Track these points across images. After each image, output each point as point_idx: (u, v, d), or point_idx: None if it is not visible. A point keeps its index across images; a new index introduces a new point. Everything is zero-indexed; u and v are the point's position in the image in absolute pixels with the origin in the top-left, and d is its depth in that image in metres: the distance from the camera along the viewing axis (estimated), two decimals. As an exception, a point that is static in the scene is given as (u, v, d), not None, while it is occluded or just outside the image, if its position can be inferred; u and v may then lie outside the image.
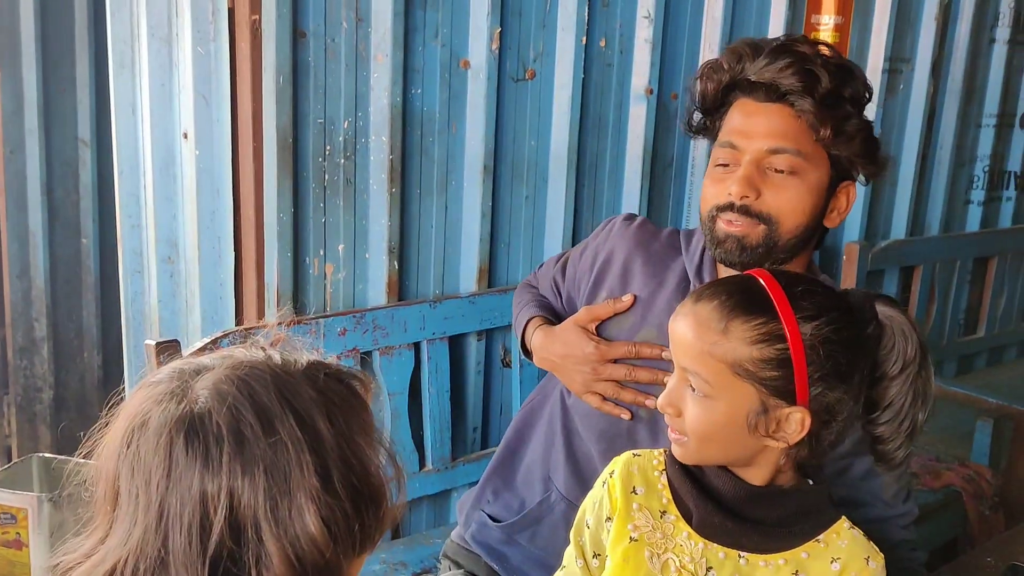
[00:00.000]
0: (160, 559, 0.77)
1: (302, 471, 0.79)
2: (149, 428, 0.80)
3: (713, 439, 1.13)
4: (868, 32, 2.92)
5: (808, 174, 1.41)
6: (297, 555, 0.78)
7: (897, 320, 1.13)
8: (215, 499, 0.77)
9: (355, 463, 0.83)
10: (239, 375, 0.82)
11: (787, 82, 1.39)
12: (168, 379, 0.83)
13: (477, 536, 1.69)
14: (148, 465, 0.79)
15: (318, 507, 0.79)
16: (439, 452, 2.18)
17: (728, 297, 1.12)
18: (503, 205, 2.27)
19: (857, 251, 2.93)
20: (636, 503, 1.20)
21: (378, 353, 2.05)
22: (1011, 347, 3.74)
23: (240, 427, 0.79)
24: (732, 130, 1.45)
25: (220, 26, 1.86)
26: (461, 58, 2.12)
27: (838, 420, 1.11)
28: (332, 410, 0.83)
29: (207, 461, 0.78)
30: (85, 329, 3.30)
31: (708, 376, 1.11)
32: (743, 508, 1.15)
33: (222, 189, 1.93)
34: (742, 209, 1.40)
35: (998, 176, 3.57)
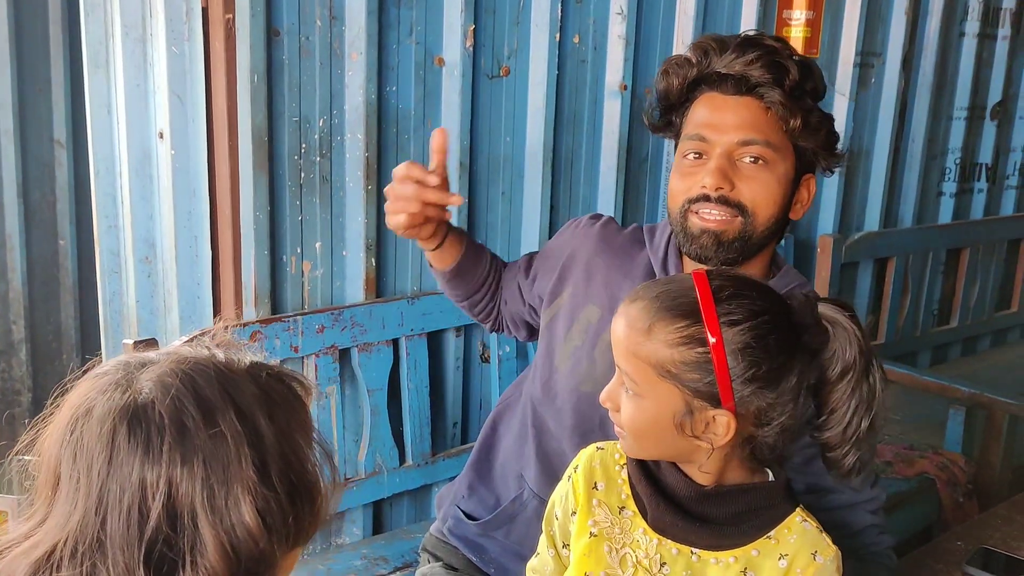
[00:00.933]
0: (98, 541, 0.80)
1: (240, 463, 0.81)
2: (93, 416, 0.82)
3: (645, 436, 1.14)
4: (839, 27, 2.95)
5: (777, 165, 1.43)
6: (232, 544, 0.80)
7: (840, 323, 1.11)
8: (154, 486, 0.79)
9: (292, 459, 0.86)
10: (183, 369, 0.84)
11: (757, 74, 1.40)
12: (114, 370, 0.86)
13: (455, 530, 1.70)
14: (91, 451, 0.81)
15: (254, 499, 0.81)
16: (419, 448, 2.19)
17: (656, 298, 1.12)
18: (479, 201, 2.29)
19: (831, 243, 2.97)
20: (596, 499, 1.21)
21: (357, 350, 2.07)
22: (984, 337, 3.79)
23: (182, 418, 0.81)
24: (701, 123, 1.45)
25: (194, 25, 1.86)
26: (436, 55, 2.13)
27: (772, 425, 1.10)
28: (272, 408, 0.86)
29: (148, 449, 0.80)
30: (63, 331, 3.29)
31: (635, 375, 1.11)
32: (693, 506, 1.15)
33: (198, 188, 1.94)
34: (719, 200, 1.41)
35: (969, 168, 3.62)
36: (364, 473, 2.12)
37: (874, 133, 3.18)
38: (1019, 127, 3.77)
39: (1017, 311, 3.84)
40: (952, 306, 3.60)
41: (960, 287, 3.56)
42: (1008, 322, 3.84)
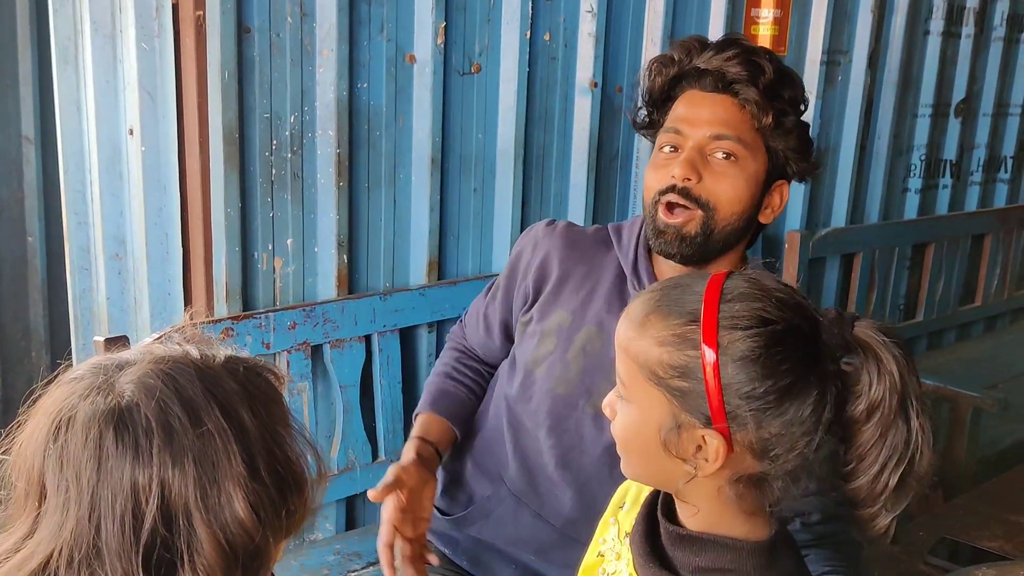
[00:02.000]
0: (95, 549, 0.79)
1: (229, 460, 0.82)
2: (76, 422, 0.81)
3: (630, 449, 1.01)
4: (806, 25, 2.99)
5: (747, 163, 1.46)
6: (228, 540, 0.81)
7: (871, 350, 0.93)
8: (147, 490, 0.79)
9: (278, 451, 0.86)
10: (163, 369, 0.84)
11: (733, 70, 1.44)
12: (91, 374, 0.85)
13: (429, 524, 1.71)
14: (78, 459, 0.80)
15: (246, 494, 0.82)
16: (392, 443, 2.20)
17: (662, 291, 0.99)
18: (451, 198, 2.30)
19: (799, 239, 3.00)
20: (615, 518, 1.16)
21: (329, 346, 2.07)
22: (949, 331, 3.85)
23: (168, 419, 0.81)
24: (678, 117, 1.49)
25: (164, 22, 1.86)
26: (407, 52, 2.14)
27: (777, 462, 0.92)
28: (253, 402, 0.86)
29: (137, 453, 0.80)
30: (32, 329, 3.26)
31: (624, 376, 0.99)
32: (668, 549, 1.01)
33: (169, 185, 1.93)
34: (683, 192, 1.44)
35: (934, 164, 3.67)
36: (337, 469, 2.12)
37: (841, 130, 3.22)
38: (982, 124, 3.83)
39: (981, 305, 3.90)
40: (918, 300, 3.65)
41: (925, 282, 3.61)
42: (972, 316, 3.90)
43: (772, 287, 0.96)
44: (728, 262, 1.51)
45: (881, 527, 0.94)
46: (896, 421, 0.92)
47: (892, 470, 0.91)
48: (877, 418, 0.92)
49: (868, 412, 0.92)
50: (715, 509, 0.97)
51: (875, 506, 0.93)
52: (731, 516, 0.98)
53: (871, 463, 0.92)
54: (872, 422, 0.92)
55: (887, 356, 0.92)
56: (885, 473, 0.91)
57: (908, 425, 0.92)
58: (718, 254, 1.49)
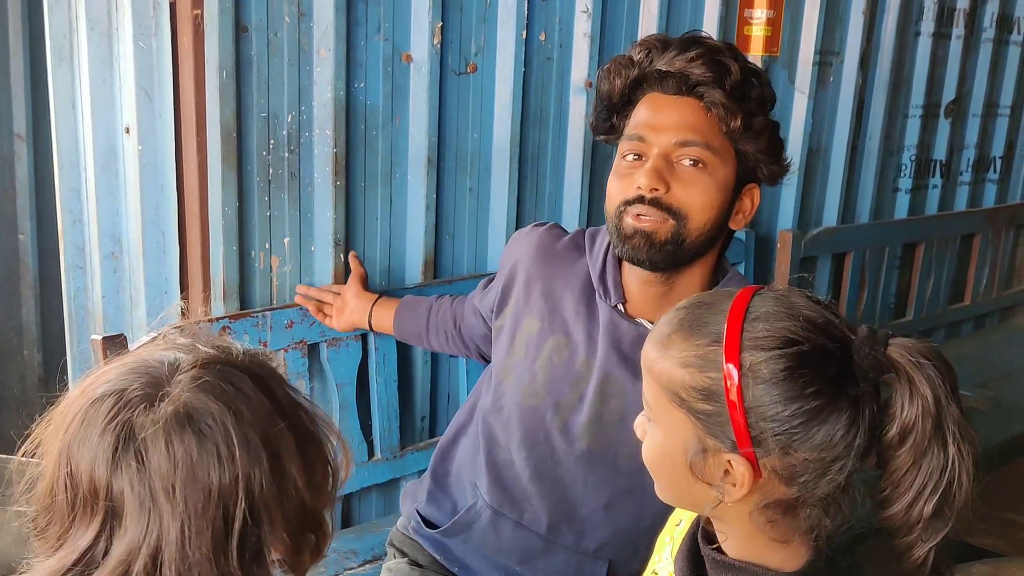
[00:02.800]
0: (192, 553, 0.81)
1: (286, 445, 0.86)
2: (151, 434, 0.81)
3: (660, 473, 0.98)
4: (799, 26, 3.00)
5: (716, 169, 1.40)
6: (296, 519, 0.86)
7: (903, 372, 0.88)
8: (233, 494, 0.82)
9: (310, 428, 0.91)
10: (214, 367, 0.86)
11: (697, 72, 1.38)
12: (140, 383, 0.84)
13: (419, 530, 1.71)
14: (161, 470, 0.80)
15: (301, 471, 0.86)
16: (387, 441, 2.21)
17: (687, 310, 0.95)
18: (447, 197, 2.30)
19: (790, 239, 3.02)
20: (669, 536, 1.13)
21: (325, 345, 2.07)
22: (938, 330, 3.88)
23: (239, 421, 0.83)
24: (640, 123, 1.42)
25: (161, 20, 1.86)
26: (403, 52, 2.14)
27: (809, 488, 0.89)
28: (275, 383, 0.90)
29: (220, 459, 0.81)
30: (24, 327, 3.24)
31: (649, 397, 0.96)
32: (711, 572, 0.99)
33: (166, 184, 1.93)
34: (653, 202, 1.38)
35: (924, 165, 3.70)
36: (316, 407, 2.12)
37: (832, 130, 3.24)
38: (972, 124, 3.86)
39: (970, 304, 3.94)
40: (908, 299, 3.68)
41: (915, 281, 3.64)
42: (961, 315, 3.94)
43: (800, 305, 0.92)
44: (699, 269, 1.47)
45: (918, 558, 0.89)
46: (931, 447, 0.87)
47: (927, 498, 0.87)
48: (910, 443, 0.87)
49: (901, 436, 0.88)
50: (746, 534, 0.94)
51: (911, 535, 0.89)
52: (764, 542, 0.94)
53: (905, 490, 0.88)
54: (905, 447, 0.88)
55: (920, 378, 0.87)
56: (920, 502, 0.87)
57: (945, 451, 0.87)
58: (688, 262, 1.44)
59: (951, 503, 0.88)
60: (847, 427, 0.87)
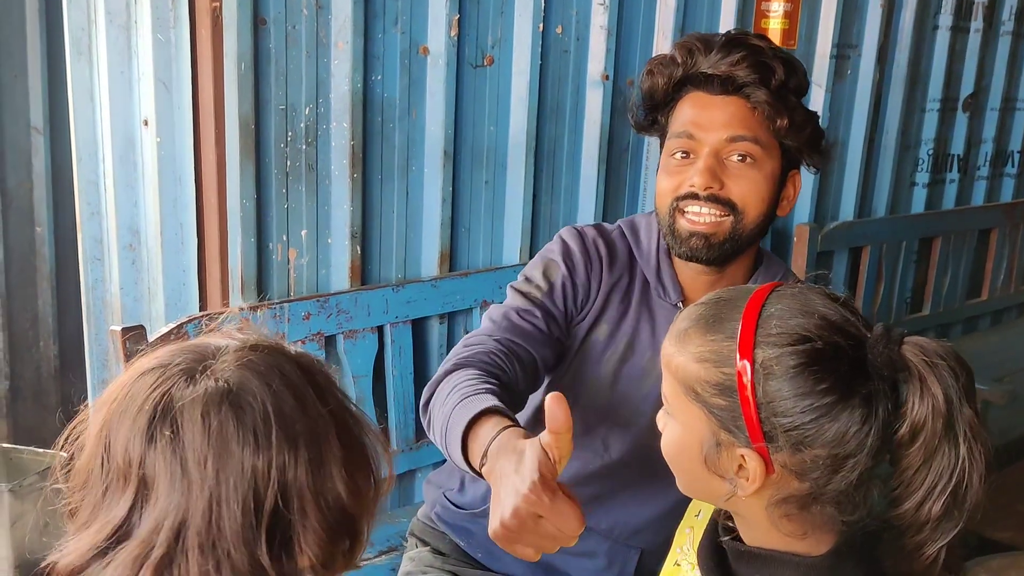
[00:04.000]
0: (218, 533, 0.80)
1: (330, 441, 0.84)
2: (189, 408, 0.80)
3: (677, 466, 1.00)
4: (816, 19, 2.99)
5: (765, 163, 1.43)
6: (334, 519, 0.84)
7: (915, 370, 0.88)
8: (265, 475, 0.80)
9: (355, 429, 0.89)
10: (264, 355, 0.85)
11: (743, 74, 1.40)
12: (184, 360, 0.84)
13: (443, 516, 1.72)
14: (195, 446, 0.80)
15: (344, 473, 0.84)
16: (403, 433, 2.21)
17: (704, 306, 0.97)
18: (463, 190, 2.30)
19: (807, 232, 3.01)
20: (689, 527, 1.15)
21: (342, 337, 2.08)
22: (955, 324, 3.86)
23: (281, 404, 0.82)
24: (688, 121, 1.44)
25: (180, 13, 1.86)
26: (420, 45, 2.14)
27: (822, 484, 0.90)
28: (329, 385, 0.89)
29: (256, 438, 0.80)
30: (40, 318, 3.26)
31: (667, 391, 0.99)
32: (733, 563, 1.00)
33: (184, 176, 1.94)
34: (710, 198, 1.41)
35: (942, 159, 3.68)
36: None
37: (849, 124, 3.22)
38: (990, 119, 3.84)
39: (987, 299, 3.91)
40: (924, 294, 3.66)
41: (932, 276, 3.62)
42: (979, 310, 3.91)
43: (817, 302, 0.93)
44: (748, 256, 1.51)
45: (928, 556, 0.89)
46: (942, 446, 0.87)
47: (937, 498, 0.87)
48: (921, 442, 0.88)
49: (912, 435, 0.88)
50: (765, 527, 0.95)
51: (921, 534, 0.89)
52: (787, 532, 0.95)
53: (915, 489, 0.88)
54: (916, 446, 0.88)
55: (932, 378, 0.88)
56: (930, 501, 0.88)
57: (956, 451, 0.87)
58: (742, 254, 1.48)
59: (961, 503, 0.88)
60: (860, 424, 0.88)
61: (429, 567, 1.66)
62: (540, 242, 2.39)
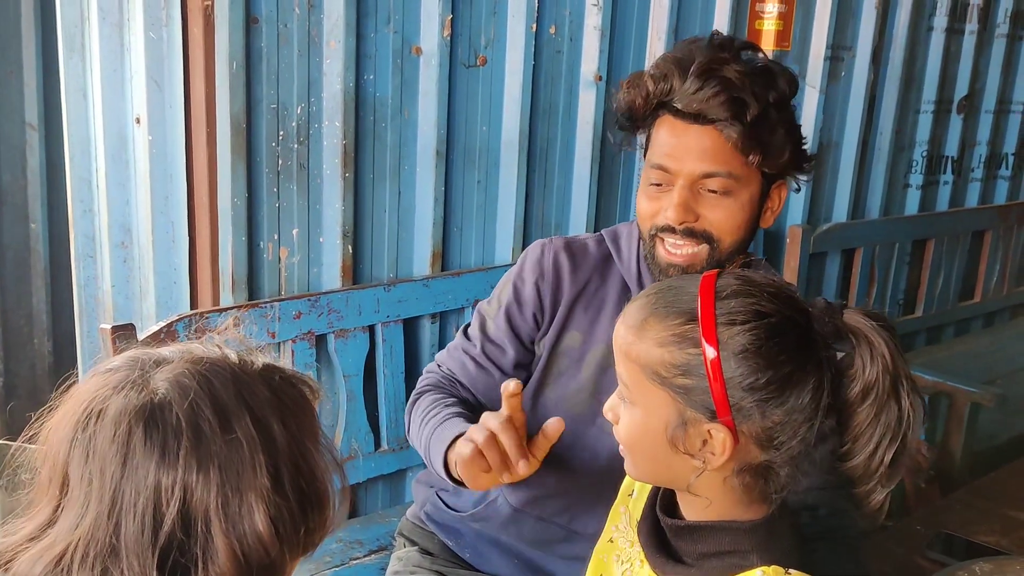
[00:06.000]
0: (111, 546, 0.78)
1: (254, 470, 0.80)
2: (107, 415, 0.80)
3: (638, 452, 1.04)
4: (811, 20, 2.99)
5: (741, 193, 1.41)
6: (244, 552, 0.80)
7: (862, 334, 0.97)
8: (169, 492, 0.78)
9: (304, 466, 0.85)
10: (200, 370, 0.83)
11: (715, 112, 1.37)
12: (127, 367, 0.84)
13: (433, 515, 1.72)
14: (104, 452, 0.79)
15: (267, 506, 0.81)
16: (394, 432, 2.22)
17: (656, 294, 1.02)
18: (455, 190, 2.31)
19: (800, 234, 3.01)
20: (625, 506, 1.17)
21: (333, 336, 2.08)
22: (948, 327, 3.86)
23: (199, 422, 0.80)
24: (663, 152, 1.43)
25: (172, 12, 1.87)
26: (413, 44, 2.15)
27: (781, 450, 0.96)
28: (285, 413, 0.85)
29: (164, 453, 0.78)
30: (35, 315, 3.27)
31: (627, 379, 1.02)
32: (672, 540, 1.06)
33: (175, 174, 1.94)
34: (685, 232, 1.41)
35: (936, 161, 3.68)
36: (340, 458, 2.13)
37: (843, 126, 3.23)
38: (984, 121, 3.84)
39: (980, 301, 3.92)
40: (917, 296, 3.66)
41: (925, 277, 3.63)
42: (971, 312, 3.92)
43: (762, 282, 1.00)
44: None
45: (876, 502, 0.98)
46: (889, 401, 0.96)
47: (886, 448, 0.96)
48: (872, 399, 0.96)
49: (863, 394, 0.96)
50: (719, 499, 1.01)
51: (871, 483, 0.97)
52: (732, 504, 1.01)
53: (866, 442, 0.96)
54: (867, 403, 0.96)
55: (878, 339, 0.96)
56: (880, 451, 0.96)
57: (900, 404, 0.96)
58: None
59: (906, 450, 0.97)
60: (814, 389, 0.95)
61: (417, 567, 1.67)
62: (532, 242, 2.39)
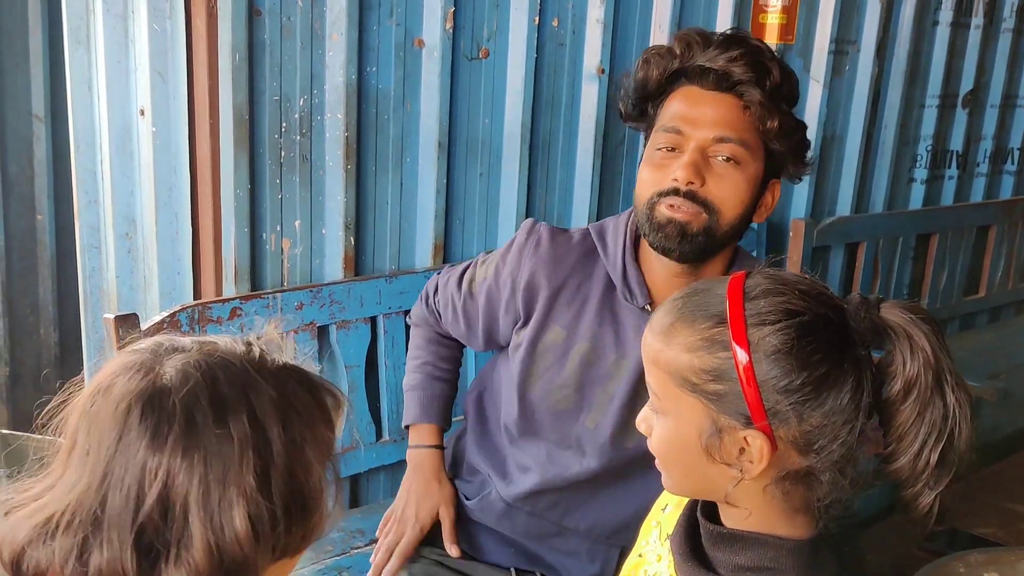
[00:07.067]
0: (95, 516, 0.81)
1: (242, 467, 0.81)
2: (113, 392, 0.83)
3: (673, 463, 1.00)
4: (815, 14, 2.99)
5: (748, 166, 1.42)
6: (218, 544, 0.81)
7: (901, 330, 0.92)
8: (153, 473, 0.80)
9: (298, 472, 0.85)
10: (209, 361, 0.85)
11: (739, 71, 1.39)
12: (147, 351, 0.87)
13: None
14: (103, 426, 0.82)
15: (248, 504, 0.82)
16: (396, 423, 2.23)
17: (683, 299, 0.98)
18: (458, 182, 2.32)
19: (803, 227, 3.01)
20: (656, 520, 1.15)
21: (335, 327, 2.10)
22: (952, 321, 3.86)
23: (194, 411, 0.82)
24: (677, 115, 1.44)
25: (176, 3, 1.88)
26: (415, 37, 2.15)
27: (822, 455, 0.91)
28: (289, 416, 0.85)
29: (155, 436, 0.81)
30: (41, 306, 3.29)
31: (657, 388, 0.98)
32: (708, 549, 1.01)
33: (179, 165, 1.96)
34: (688, 195, 1.40)
35: (940, 155, 3.67)
36: (341, 448, 2.15)
37: (847, 120, 3.22)
38: (990, 115, 3.83)
39: (985, 296, 3.91)
40: (921, 290, 3.65)
41: (929, 272, 3.62)
42: (976, 307, 3.91)
43: (792, 280, 0.96)
44: (721, 260, 1.50)
45: (924, 505, 0.93)
46: (933, 398, 0.91)
47: (932, 447, 0.90)
48: (914, 396, 0.91)
49: (905, 391, 0.91)
50: (761, 510, 0.97)
51: (917, 485, 0.92)
52: (776, 516, 0.96)
53: (911, 442, 0.91)
54: (909, 401, 0.91)
55: (918, 333, 0.91)
56: (926, 451, 0.91)
57: (944, 400, 0.91)
58: (714, 254, 1.47)
59: (954, 449, 0.91)
60: (854, 389, 0.91)
61: (416, 555, 1.69)
62: (534, 234, 2.40)
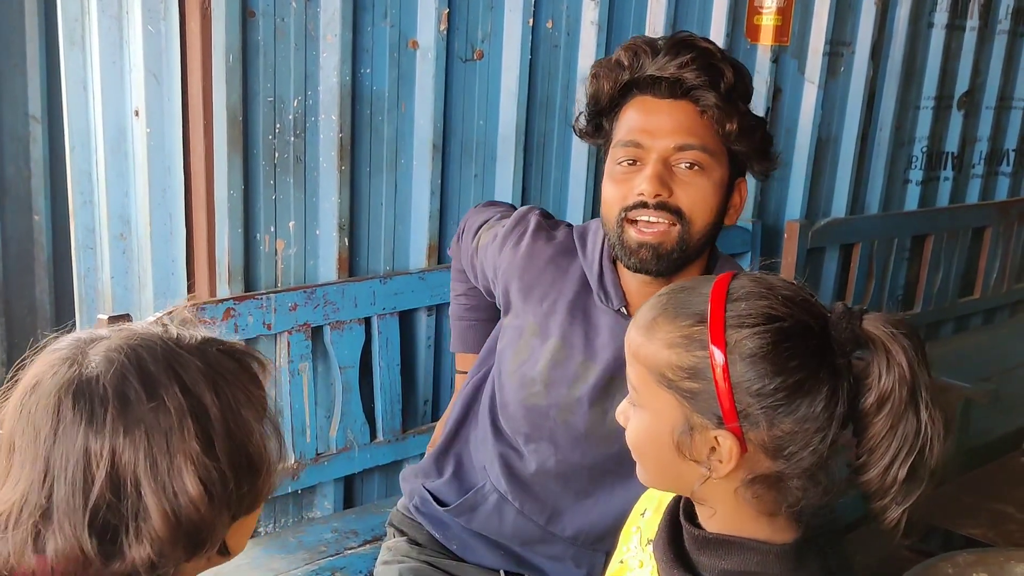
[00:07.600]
0: (43, 509, 0.85)
1: (183, 435, 0.86)
2: (41, 388, 0.87)
3: (646, 455, 1.01)
4: (810, 16, 3.00)
5: (713, 171, 1.40)
6: (174, 511, 0.85)
7: (879, 342, 0.92)
8: (98, 455, 0.84)
9: (237, 432, 0.90)
10: (130, 344, 0.89)
11: (691, 76, 1.37)
12: (67, 346, 0.90)
13: (420, 508, 1.73)
14: (37, 422, 0.86)
15: (196, 468, 0.86)
16: (390, 424, 2.23)
17: (668, 296, 0.99)
18: (452, 183, 2.32)
19: (798, 229, 3.02)
20: (636, 525, 1.16)
21: (329, 328, 2.10)
22: (947, 323, 3.87)
23: (125, 390, 0.86)
24: (634, 128, 1.41)
25: (170, 5, 1.88)
26: (410, 38, 2.16)
27: (792, 461, 0.92)
28: (219, 382, 0.90)
29: (92, 420, 0.85)
30: (38, 306, 3.29)
31: (635, 381, 0.99)
32: (693, 553, 1.01)
33: (173, 166, 1.96)
34: (658, 206, 1.38)
35: (936, 157, 3.68)
36: (335, 449, 2.16)
37: (842, 121, 3.23)
38: (985, 117, 3.84)
39: (979, 298, 3.92)
40: (916, 292, 3.66)
41: (924, 273, 3.63)
42: (971, 308, 3.92)
43: (778, 285, 0.96)
44: (696, 266, 1.48)
45: (891, 520, 0.92)
46: (906, 413, 0.91)
47: (902, 462, 0.90)
48: (888, 410, 0.91)
49: (878, 404, 0.91)
50: (732, 511, 0.97)
51: (886, 499, 0.92)
52: (751, 518, 0.97)
53: (881, 455, 0.91)
54: (883, 414, 0.91)
55: (896, 348, 0.91)
56: (895, 465, 0.90)
57: (918, 416, 0.91)
58: (691, 263, 1.46)
59: (924, 466, 0.91)
60: (828, 398, 0.91)
61: (405, 556, 1.69)
62: (528, 235, 2.40)
